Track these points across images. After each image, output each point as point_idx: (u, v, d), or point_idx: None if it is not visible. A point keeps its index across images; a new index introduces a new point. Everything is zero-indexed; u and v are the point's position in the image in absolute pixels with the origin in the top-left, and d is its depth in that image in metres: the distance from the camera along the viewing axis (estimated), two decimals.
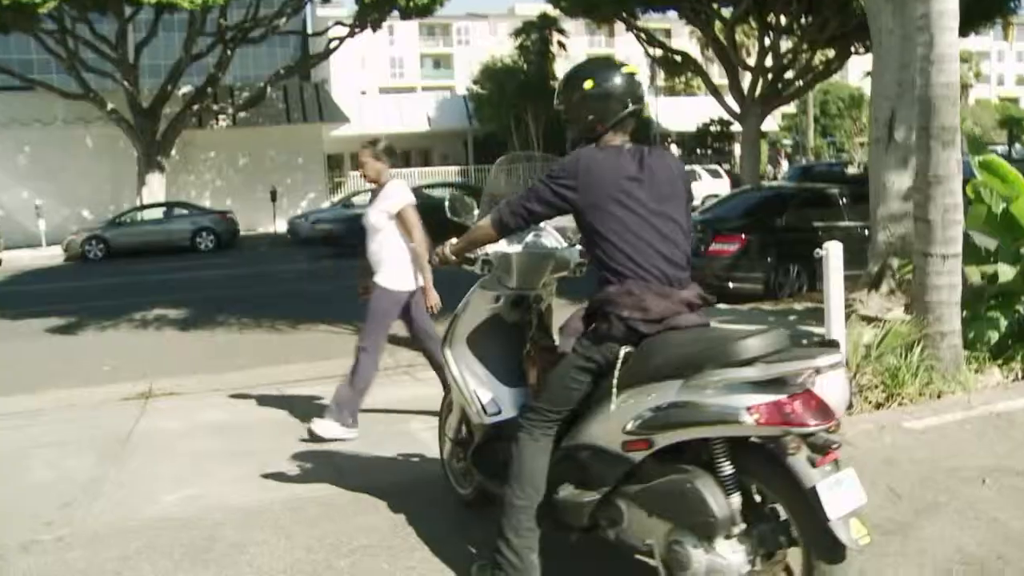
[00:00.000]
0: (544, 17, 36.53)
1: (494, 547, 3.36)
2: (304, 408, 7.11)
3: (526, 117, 36.61)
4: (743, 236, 11.71)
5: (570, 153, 3.40)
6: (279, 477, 5.23)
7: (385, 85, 69.15)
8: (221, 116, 29.66)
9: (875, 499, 4.20)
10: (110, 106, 26.77)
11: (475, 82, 38.97)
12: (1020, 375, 6.43)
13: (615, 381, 3.12)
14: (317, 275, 18.30)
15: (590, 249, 3.41)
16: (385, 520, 4.46)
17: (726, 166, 35.63)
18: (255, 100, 27.93)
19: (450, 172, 37.89)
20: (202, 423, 6.83)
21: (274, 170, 32.02)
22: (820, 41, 31.67)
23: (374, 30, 27.47)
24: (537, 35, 37.06)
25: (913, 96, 10.46)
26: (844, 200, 12.71)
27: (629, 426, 3.06)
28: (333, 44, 27.06)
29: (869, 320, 9.64)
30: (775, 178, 39.73)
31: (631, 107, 3.42)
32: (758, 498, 3.03)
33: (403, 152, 42.83)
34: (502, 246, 3.84)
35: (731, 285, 11.64)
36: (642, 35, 34.11)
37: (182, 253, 24.66)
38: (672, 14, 38.19)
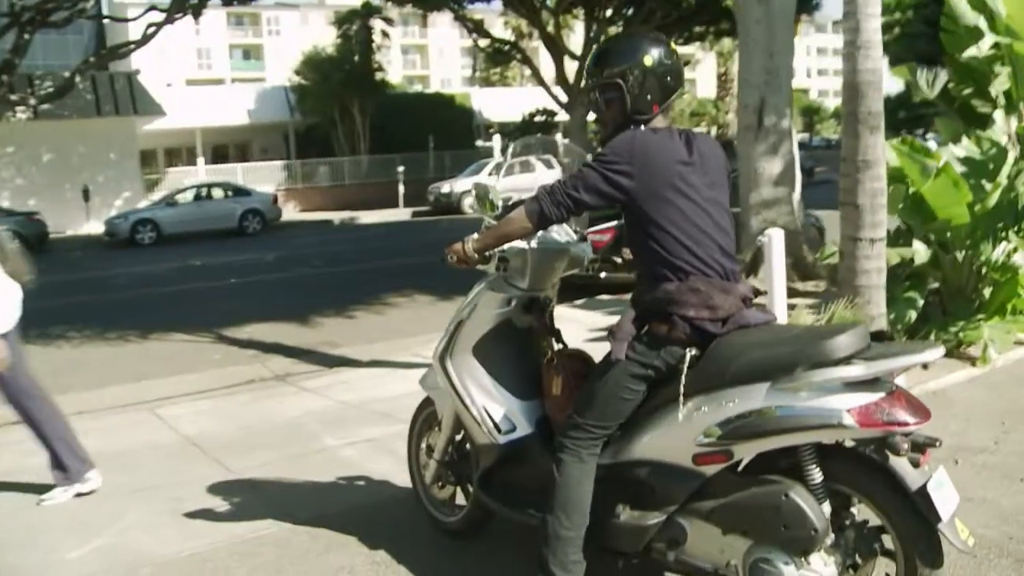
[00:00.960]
0: (367, 6, 35.60)
1: None
2: (191, 429, 6.38)
3: (352, 109, 35.61)
4: (616, 228, 11.54)
5: (621, 135, 3.02)
6: (206, 516, 4.52)
7: (192, 77, 66.05)
8: (20, 108, 27.09)
9: None
10: None
11: (297, 72, 37.54)
12: None
13: (682, 388, 2.83)
14: (152, 279, 16.96)
15: (641, 243, 3.01)
16: (361, 558, 3.90)
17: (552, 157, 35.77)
18: (62, 91, 25.55)
19: (274, 167, 36.37)
20: None
21: (83, 167, 29.67)
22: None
23: (196, 17, 25.78)
24: (360, 24, 36.03)
25: (779, 83, 10.76)
26: None
27: (703, 438, 2.79)
28: (150, 31, 25.16)
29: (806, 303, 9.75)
30: None
31: (680, 89, 3.12)
32: (840, 507, 2.80)
33: (221, 147, 40.99)
34: (516, 242, 3.39)
35: (603, 275, 11.46)
36: (469, 24, 33.88)
37: None
38: (495, 5, 38.38)
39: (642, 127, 3.05)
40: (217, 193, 26.67)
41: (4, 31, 24.98)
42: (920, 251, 6.62)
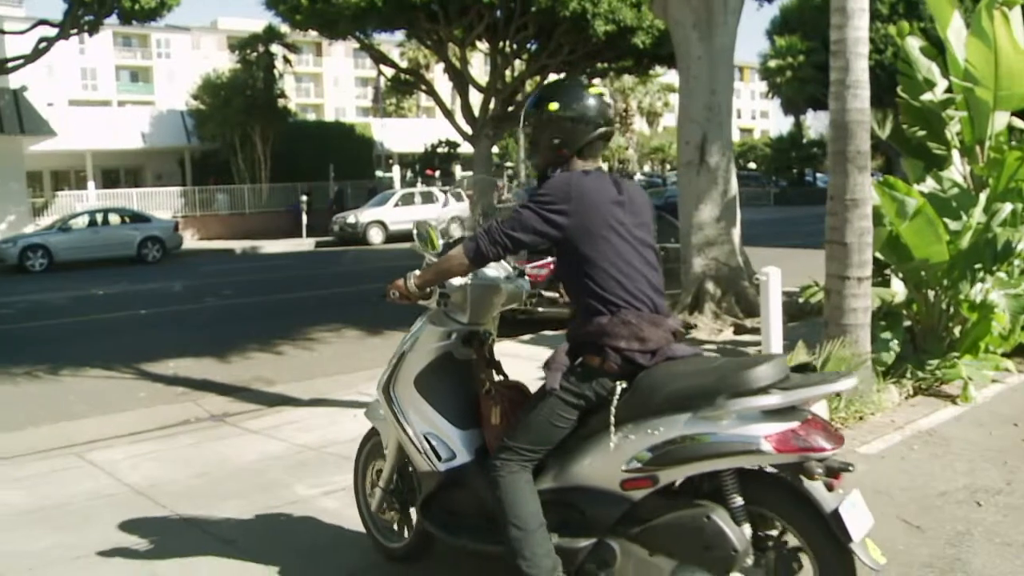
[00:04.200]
0: (270, 31, 34.78)
1: None
2: (134, 477, 5.83)
3: (253, 135, 34.66)
4: (552, 262, 11.33)
5: (555, 176, 3.19)
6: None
7: (76, 97, 63.52)
8: None
9: (897, 533, 4.22)
10: None
11: (195, 97, 36.34)
12: (912, 391, 6.56)
13: (612, 418, 2.97)
14: (49, 308, 15.93)
15: (575, 279, 3.16)
16: None
17: (462, 189, 35.62)
18: None
19: (171, 193, 35.02)
20: (1, 509, 5.34)
21: None
22: (552, 66, 32.62)
23: (91, 34, 24.79)
24: (263, 49, 35.15)
25: (721, 119, 10.79)
26: None
27: (630, 464, 2.95)
28: (42, 46, 24.03)
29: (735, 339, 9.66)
30: (499, 200, 40.42)
31: (602, 129, 3.24)
32: (761, 529, 2.95)
33: (111, 171, 39.35)
34: (455, 278, 3.54)
35: (540, 310, 11.25)
36: (375, 54, 33.50)
37: None
38: (393, 35, 38.10)
39: (574, 169, 3.19)
40: (114, 219, 25.42)
41: None
42: (900, 291, 6.60)
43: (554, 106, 3.20)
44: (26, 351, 11.14)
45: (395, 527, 4.05)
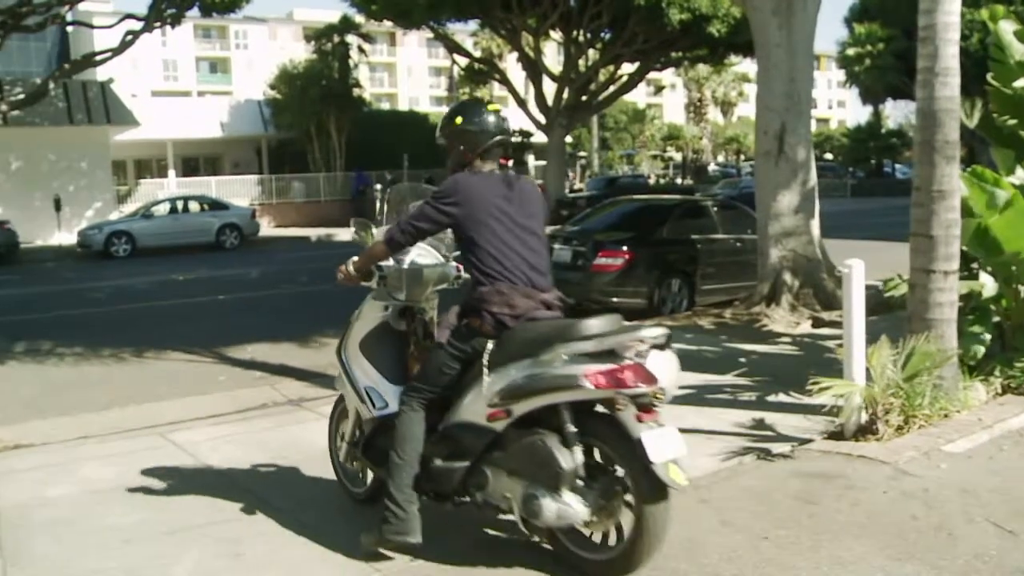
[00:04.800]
0: (345, 21, 35.17)
1: (383, 506, 3.95)
2: (215, 458, 5.96)
3: (328, 124, 35.11)
4: (628, 251, 11.25)
5: (448, 179, 4.02)
6: (275, 566, 4.09)
7: (158, 88, 65.08)
8: None
9: (989, 538, 4.10)
10: None
11: (272, 86, 36.97)
12: (1000, 389, 6.37)
13: (485, 368, 3.76)
14: (134, 293, 16.39)
15: (466, 257, 4.00)
16: None
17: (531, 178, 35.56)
18: (36, 97, 24.86)
19: (248, 181, 35.72)
20: (93, 485, 5.52)
21: (53, 176, 28.83)
22: (625, 55, 32.38)
23: (173, 27, 25.34)
24: (339, 39, 35.56)
25: (800, 108, 10.59)
26: (716, 212, 12.57)
27: (492, 400, 3.73)
28: (128, 39, 24.59)
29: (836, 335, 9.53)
30: (572, 189, 40.35)
31: (497, 138, 4.04)
32: (599, 460, 3.70)
33: (191, 159, 40.26)
34: (392, 263, 4.38)
35: (615, 300, 11.19)
36: (449, 43, 33.64)
37: None
38: (466, 25, 38.16)
39: (477, 170, 4.02)
40: (193, 206, 26.05)
41: None
42: (988, 285, 6.40)
43: (459, 120, 4.04)
44: (112, 334, 11.48)
45: (360, 475, 4.80)
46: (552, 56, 41.69)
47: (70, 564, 4.28)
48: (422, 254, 4.51)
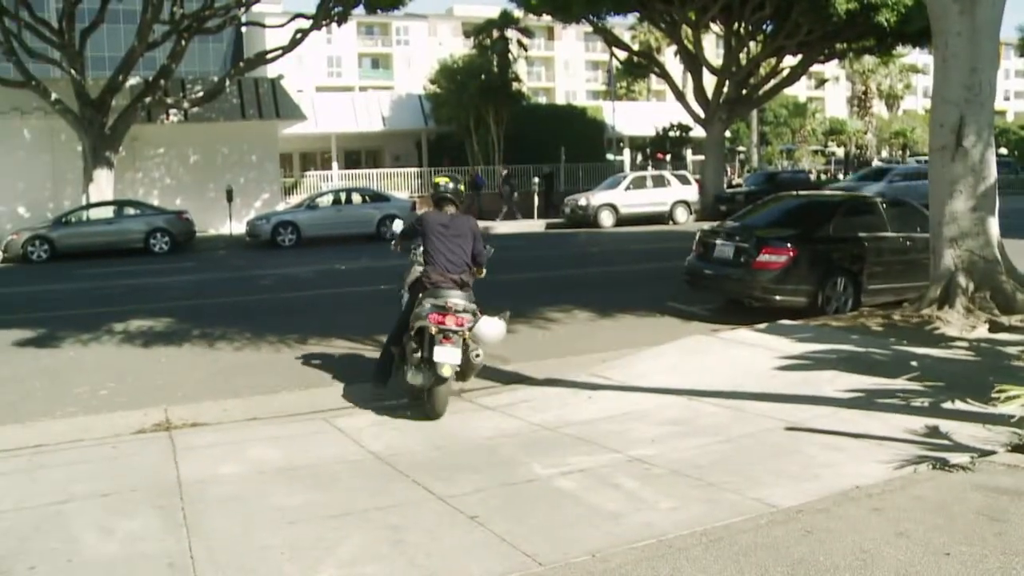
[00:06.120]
0: (505, 16, 35.54)
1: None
2: (376, 445, 6.11)
3: (487, 118, 35.58)
4: (791, 248, 10.89)
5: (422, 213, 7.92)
6: (437, 553, 4.14)
7: (322, 84, 67.48)
8: (172, 111, 27.97)
9: None
10: (54, 96, 24.86)
11: (432, 81, 37.78)
12: None
13: (416, 304, 7.13)
14: (298, 281, 17.05)
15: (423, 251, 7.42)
16: None
17: (688, 173, 34.96)
18: (214, 94, 26.30)
19: (408, 173, 36.63)
20: (261, 465, 5.77)
21: (226, 168, 30.36)
22: (788, 47, 31.42)
23: (340, 24, 26.27)
24: (498, 34, 36.00)
25: (981, 100, 9.99)
26: (884, 208, 12.01)
27: (411, 324, 7.08)
28: (298, 36, 25.66)
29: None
30: (729, 184, 39.43)
31: (441, 195, 7.58)
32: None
33: (352, 152, 41.56)
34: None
35: (778, 298, 10.86)
36: (608, 37, 33.48)
37: (134, 255, 23.00)
38: (624, 19, 37.89)
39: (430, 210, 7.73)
40: (355, 198, 26.79)
41: (165, 38, 25.92)
42: None
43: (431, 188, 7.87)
44: (278, 320, 11.97)
45: (420, 379, 6.95)
46: (711, 49, 40.83)
47: (241, 539, 4.46)
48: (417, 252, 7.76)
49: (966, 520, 4.29)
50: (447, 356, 6.59)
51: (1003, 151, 63.29)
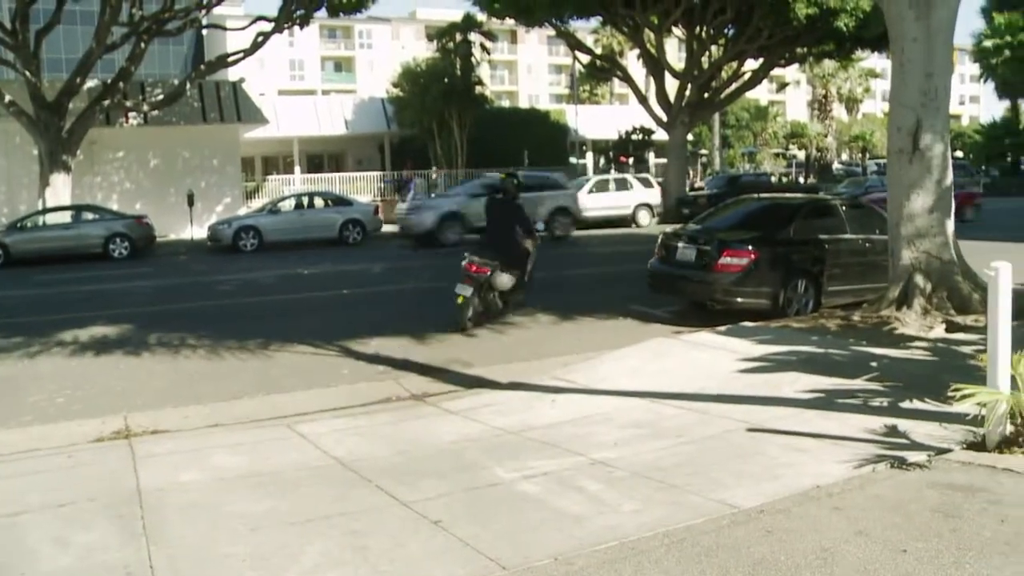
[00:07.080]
0: (468, 19, 35.55)
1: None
2: (339, 450, 6.07)
3: (450, 122, 35.56)
4: (753, 251, 10.98)
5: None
6: (399, 559, 4.13)
7: (284, 88, 67.10)
8: (132, 114, 27.62)
9: None
10: (8, 98, 24.42)
11: (395, 85, 37.69)
12: None
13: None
14: (260, 286, 16.91)
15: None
16: None
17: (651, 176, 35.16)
18: (174, 97, 26.01)
19: (370, 178, 36.49)
20: (223, 472, 5.72)
21: (187, 172, 30.04)
22: (749, 51, 31.72)
23: (302, 27, 26.12)
24: (461, 37, 36.00)
25: (937, 105, 10.14)
26: (844, 211, 12.15)
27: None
28: (260, 39, 25.46)
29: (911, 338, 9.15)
30: (692, 188, 39.69)
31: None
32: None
33: (315, 156, 41.35)
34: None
35: (739, 301, 10.94)
36: (571, 41, 33.58)
37: (93, 261, 22.68)
38: (587, 23, 38.02)
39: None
40: (318, 202, 26.63)
41: (124, 40, 25.60)
42: None
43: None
44: (239, 325, 11.86)
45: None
46: (673, 53, 41.12)
47: (202, 548, 4.42)
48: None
49: (922, 517, 4.36)
50: (460, 290, 10.98)
51: (959, 154, 64.30)
